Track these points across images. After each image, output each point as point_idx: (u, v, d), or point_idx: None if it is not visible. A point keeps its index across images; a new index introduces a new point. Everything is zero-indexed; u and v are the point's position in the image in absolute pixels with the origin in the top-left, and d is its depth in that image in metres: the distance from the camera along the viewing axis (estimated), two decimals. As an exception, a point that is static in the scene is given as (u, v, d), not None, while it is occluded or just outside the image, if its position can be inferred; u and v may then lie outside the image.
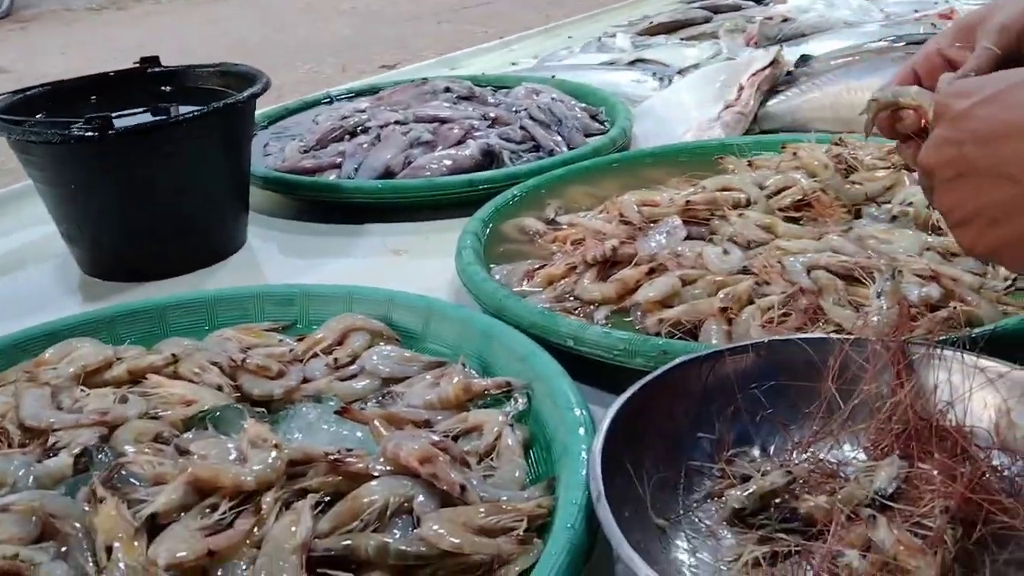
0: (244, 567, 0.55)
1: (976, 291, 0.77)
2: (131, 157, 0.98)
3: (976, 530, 0.52)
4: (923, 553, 0.50)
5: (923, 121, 0.61)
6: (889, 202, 0.92)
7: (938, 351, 0.62)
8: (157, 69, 1.18)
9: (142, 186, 1.00)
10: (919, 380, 0.62)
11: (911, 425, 0.59)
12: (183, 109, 1.09)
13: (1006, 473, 0.57)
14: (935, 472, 0.55)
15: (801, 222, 0.92)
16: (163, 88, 1.16)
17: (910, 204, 0.90)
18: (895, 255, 0.81)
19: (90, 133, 0.93)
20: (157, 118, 1.02)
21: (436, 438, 0.63)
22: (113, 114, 0.99)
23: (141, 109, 1.12)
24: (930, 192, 0.57)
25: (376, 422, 0.66)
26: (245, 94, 1.02)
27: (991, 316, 0.74)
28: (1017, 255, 0.51)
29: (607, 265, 0.89)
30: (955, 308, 0.73)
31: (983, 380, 0.60)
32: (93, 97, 1.13)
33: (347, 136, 1.31)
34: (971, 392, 0.60)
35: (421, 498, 0.59)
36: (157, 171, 1.00)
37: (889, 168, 0.97)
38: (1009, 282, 0.80)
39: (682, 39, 1.93)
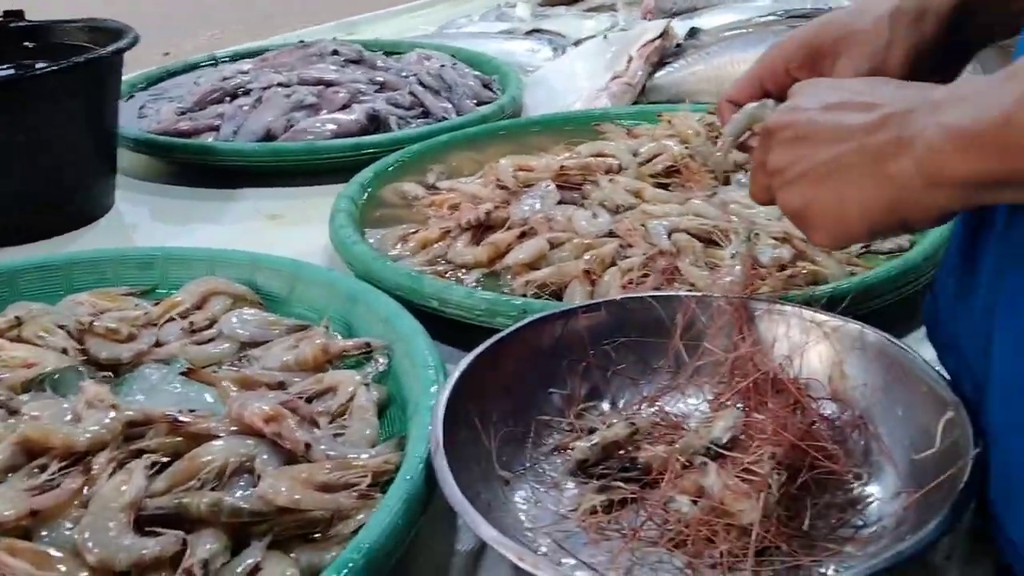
0: (69, 527, 0.53)
1: (827, 253, 0.79)
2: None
3: (801, 475, 0.54)
4: (748, 497, 0.52)
5: None
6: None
7: (779, 307, 0.64)
8: (21, 24, 1.12)
9: (-2, 144, 0.96)
10: (760, 335, 0.63)
11: (751, 378, 0.60)
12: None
13: (836, 422, 0.59)
14: (768, 422, 0.57)
15: (671, 188, 0.93)
16: (27, 44, 1.11)
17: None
18: (755, 219, 0.83)
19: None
20: (12, 72, 0.97)
21: (285, 398, 0.62)
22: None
23: (3, 66, 1.07)
24: (764, 154, 0.58)
25: (225, 383, 0.65)
26: (109, 49, 0.98)
27: (838, 276, 0.76)
28: (838, 215, 0.52)
29: (481, 229, 0.89)
30: (802, 268, 0.75)
31: (819, 334, 0.62)
32: (-49, 51, 1.07)
33: (227, 98, 1.27)
34: (808, 346, 0.62)
35: (264, 456, 0.58)
36: (14, 130, 0.95)
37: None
38: (863, 244, 0.83)
39: (582, 11, 1.94)
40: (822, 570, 0.51)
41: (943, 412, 0.53)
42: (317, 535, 0.55)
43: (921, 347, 0.61)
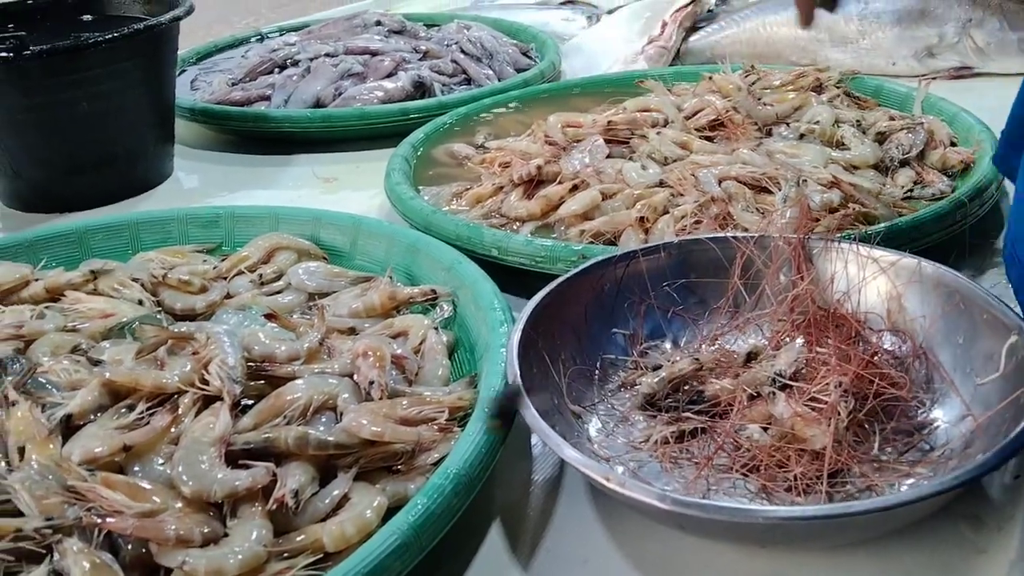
0: (161, 461, 0.55)
1: (875, 196, 0.80)
2: (48, 81, 0.96)
3: (867, 403, 0.56)
4: (818, 423, 0.53)
5: None
6: (798, 122, 0.95)
7: (835, 244, 0.65)
8: (76, -3, 1.15)
9: (61, 112, 0.98)
10: (818, 273, 0.65)
11: (811, 314, 0.62)
12: (103, 35, 1.06)
13: (897, 353, 0.60)
14: (831, 354, 0.58)
15: (715, 141, 0.94)
16: (83, 17, 1.13)
17: (816, 123, 0.93)
18: (801, 167, 0.84)
19: (4, 54, 0.90)
20: (74, 41, 0.99)
21: (397, 350, 0.64)
22: (31, 40, 0.96)
23: (61, 38, 1.09)
24: None
25: (303, 328, 0.68)
26: (166, 17, 1.01)
27: (887, 217, 0.78)
28: None
29: (532, 184, 0.90)
30: (853, 209, 0.76)
31: (876, 269, 0.63)
32: (11, 25, 1.09)
33: (276, 69, 1.30)
34: (865, 281, 0.63)
35: (346, 395, 0.60)
36: (76, 97, 0.98)
37: (797, 91, 1.00)
38: (907, 189, 0.84)
39: (614, -19, 1.94)
40: (893, 489, 0.52)
41: (1006, 337, 0.54)
42: (400, 467, 0.56)
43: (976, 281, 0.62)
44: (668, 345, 0.67)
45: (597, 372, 0.64)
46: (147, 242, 0.85)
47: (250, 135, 1.18)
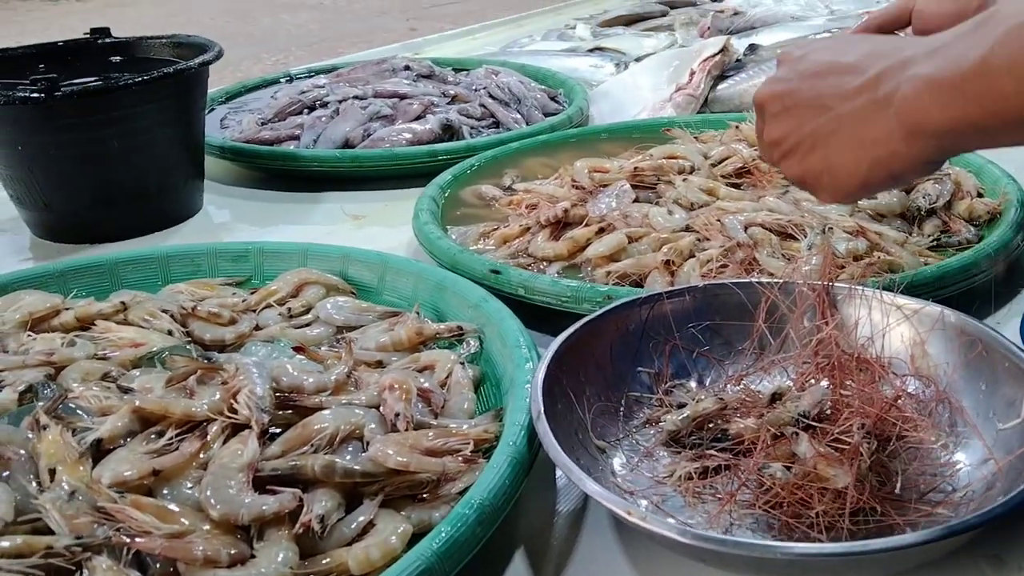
0: (189, 486, 0.56)
1: (900, 245, 0.81)
2: (79, 120, 0.99)
3: (890, 444, 0.56)
4: (840, 463, 0.54)
5: None
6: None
7: (860, 291, 0.66)
8: (108, 40, 1.18)
9: (91, 149, 1.01)
10: (842, 318, 0.65)
11: (835, 357, 0.62)
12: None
13: (919, 397, 0.61)
14: (855, 396, 0.59)
15: (742, 188, 0.96)
16: (113, 59, 1.17)
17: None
18: (827, 215, 0.85)
19: (36, 94, 0.93)
20: (106, 83, 1.02)
21: (424, 384, 0.65)
22: (62, 80, 0.99)
23: (91, 78, 1.12)
24: (761, 127, 0.62)
25: (330, 361, 0.69)
26: (196, 61, 1.04)
27: (912, 266, 0.78)
28: (831, 179, 0.56)
29: (559, 226, 0.92)
30: (878, 256, 0.77)
31: (900, 316, 0.64)
32: (42, 66, 1.11)
33: (306, 110, 1.33)
34: (889, 327, 0.64)
35: (372, 425, 0.61)
36: (106, 135, 1.01)
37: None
38: (933, 238, 0.85)
39: (640, 31, 1.97)
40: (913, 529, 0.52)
41: (1028, 384, 0.54)
42: (425, 495, 0.57)
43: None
44: (693, 384, 0.67)
45: (622, 409, 0.65)
46: (177, 275, 0.87)
47: (279, 173, 1.20)
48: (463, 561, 0.50)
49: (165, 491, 0.57)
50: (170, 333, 0.75)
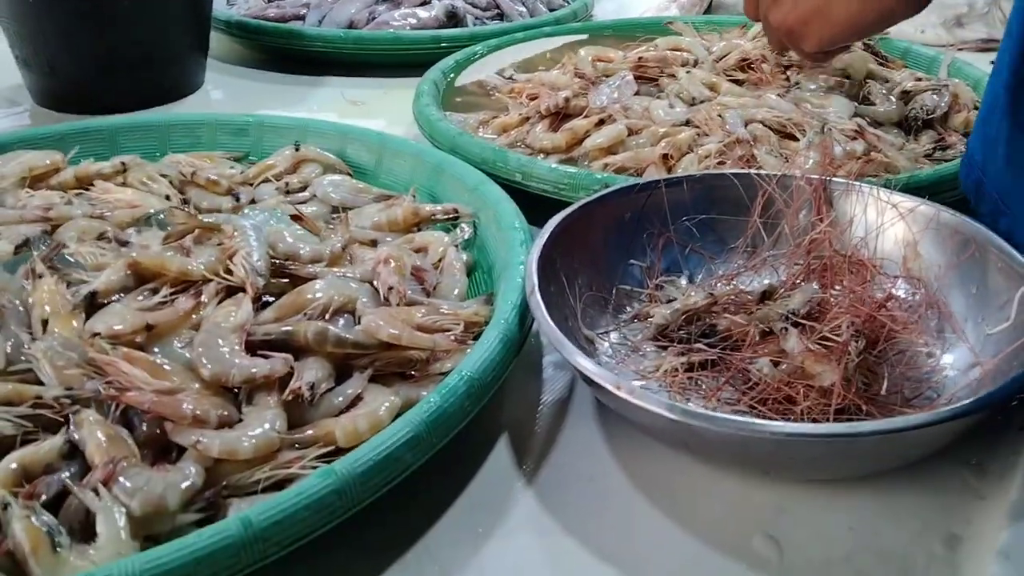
0: (181, 345, 0.56)
1: (897, 149, 0.81)
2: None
3: (878, 345, 0.56)
4: (828, 360, 0.54)
5: None
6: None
7: (856, 187, 0.65)
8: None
9: (100, 10, 0.99)
10: (837, 216, 0.65)
11: (828, 256, 0.62)
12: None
13: (909, 299, 0.61)
14: (845, 296, 0.59)
15: (743, 86, 0.94)
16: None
17: (847, 77, 0.93)
18: (826, 116, 0.84)
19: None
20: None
21: (417, 262, 0.65)
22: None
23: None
24: None
25: (325, 233, 0.68)
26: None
27: (909, 170, 0.78)
28: (822, 19, 0.61)
29: (559, 117, 0.90)
30: (876, 156, 0.76)
31: (895, 215, 0.63)
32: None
33: (312, -10, 1.29)
34: (883, 226, 0.63)
35: (365, 299, 0.61)
36: (115, -1, 0.98)
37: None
38: (929, 147, 0.85)
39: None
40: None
41: (1019, 286, 0.54)
42: (414, 373, 0.58)
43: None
44: (684, 281, 0.67)
45: (612, 301, 0.65)
46: (177, 146, 0.86)
47: (282, 52, 1.18)
48: (451, 432, 0.50)
49: (156, 349, 0.56)
50: (168, 198, 0.75)
